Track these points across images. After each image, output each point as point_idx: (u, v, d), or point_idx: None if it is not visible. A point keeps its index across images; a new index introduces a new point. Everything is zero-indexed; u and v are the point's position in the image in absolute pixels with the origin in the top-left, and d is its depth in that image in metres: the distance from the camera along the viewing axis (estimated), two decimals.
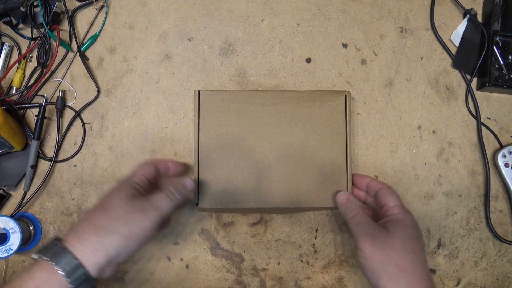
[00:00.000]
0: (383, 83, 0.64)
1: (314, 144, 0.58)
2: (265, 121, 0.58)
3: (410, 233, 0.51)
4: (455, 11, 0.66)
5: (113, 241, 0.46)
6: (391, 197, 0.55)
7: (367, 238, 0.51)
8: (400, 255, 0.49)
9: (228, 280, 0.62)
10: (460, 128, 0.64)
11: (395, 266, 0.49)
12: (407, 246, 0.50)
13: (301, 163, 0.58)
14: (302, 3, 0.65)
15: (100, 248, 0.45)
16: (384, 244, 0.50)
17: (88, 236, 0.46)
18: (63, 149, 0.63)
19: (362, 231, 0.51)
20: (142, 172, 0.53)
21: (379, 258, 0.49)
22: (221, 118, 0.58)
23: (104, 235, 0.46)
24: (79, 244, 0.45)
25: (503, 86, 0.63)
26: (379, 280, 0.49)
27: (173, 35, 0.64)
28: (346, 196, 0.56)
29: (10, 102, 0.61)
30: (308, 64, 0.64)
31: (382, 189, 0.56)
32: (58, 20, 0.63)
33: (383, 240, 0.50)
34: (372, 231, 0.51)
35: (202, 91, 0.58)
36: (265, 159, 0.57)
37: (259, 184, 0.57)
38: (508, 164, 0.62)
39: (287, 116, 0.58)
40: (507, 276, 0.63)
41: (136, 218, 0.47)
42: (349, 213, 0.54)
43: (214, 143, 0.57)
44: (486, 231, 0.63)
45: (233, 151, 0.57)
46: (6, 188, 0.62)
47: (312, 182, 0.57)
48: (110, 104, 0.63)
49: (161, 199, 0.50)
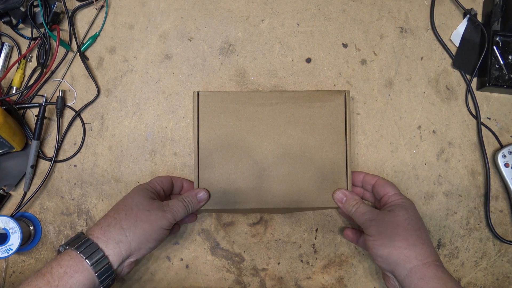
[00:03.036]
0: (383, 83, 0.64)
1: (313, 144, 0.58)
2: (264, 122, 0.58)
3: (413, 214, 0.53)
4: (455, 11, 0.66)
5: (136, 234, 0.50)
6: (389, 187, 0.56)
7: (372, 222, 0.52)
8: (407, 231, 0.50)
9: (228, 280, 0.62)
10: (460, 128, 0.64)
11: (404, 241, 0.50)
12: (413, 223, 0.51)
13: (301, 163, 0.58)
14: (302, 3, 0.65)
15: (124, 240, 0.49)
16: (391, 223, 0.51)
17: (112, 228, 0.50)
18: (63, 149, 0.63)
19: (367, 218, 0.53)
20: (158, 181, 0.57)
21: (387, 235, 0.50)
22: (221, 118, 0.58)
23: (128, 228, 0.50)
24: (104, 236, 0.49)
25: (503, 86, 0.63)
26: (389, 257, 0.50)
27: (173, 35, 0.64)
28: (344, 193, 0.57)
29: (10, 102, 0.61)
30: (308, 64, 0.64)
31: (379, 181, 0.57)
32: (58, 20, 0.63)
33: (389, 219, 0.51)
34: (376, 216, 0.52)
35: (201, 92, 0.58)
36: (265, 159, 0.57)
37: (259, 185, 0.57)
38: (508, 164, 0.62)
39: (286, 116, 0.58)
40: (507, 276, 0.63)
41: (156, 216, 0.51)
42: (351, 209, 0.55)
43: (213, 144, 0.57)
44: (486, 231, 0.63)
45: (233, 151, 0.57)
46: (6, 188, 0.62)
47: (312, 182, 0.57)
48: (110, 104, 0.63)
49: (176, 204, 0.54)
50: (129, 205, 0.52)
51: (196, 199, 0.56)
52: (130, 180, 0.62)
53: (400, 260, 0.49)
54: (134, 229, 0.50)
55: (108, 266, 0.48)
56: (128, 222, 0.50)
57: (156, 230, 0.51)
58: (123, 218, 0.51)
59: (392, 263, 0.50)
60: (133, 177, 0.62)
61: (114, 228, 0.50)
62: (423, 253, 0.49)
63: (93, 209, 0.62)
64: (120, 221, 0.50)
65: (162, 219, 0.52)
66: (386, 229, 0.51)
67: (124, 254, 0.50)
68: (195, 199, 0.56)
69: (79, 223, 0.62)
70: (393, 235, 0.50)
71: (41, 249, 0.62)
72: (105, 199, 0.62)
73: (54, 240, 0.62)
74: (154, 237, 0.52)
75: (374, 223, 0.52)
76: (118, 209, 0.52)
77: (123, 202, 0.53)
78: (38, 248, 0.62)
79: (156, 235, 0.52)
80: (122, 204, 0.53)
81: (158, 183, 0.57)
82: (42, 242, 0.62)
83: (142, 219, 0.51)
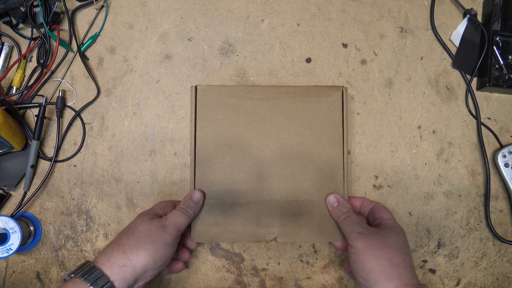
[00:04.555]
0: (383, 83, 0.64)
1: (311, 139, 0.58)
2: (262, 116, 0.58)
3: (403, 239, 0.53)
4: (455, 11, 0.66)
5: (139, 257, 0.49)
6: (386, 211, 0.57)
7: (360, 236, 0.51)
8: (394, 252, 0.50)
9: (228, 280, 0.62)
10: (460, 128, 0.64)
11: (388, 261, 0.49)
12: (400, 246, 0.51)
13: (298, 158, 0.58)
14: (302, 3, 0.65)
15: (128, 264, 0.49)
16: (378, 241, 0.51)
17: (116, 253, 0.49)
18: (63, 149, 0.63)
19: (354, 230, 0.52)
20: (160, 206, 0.57)
21: (372, 252, 0.50)
22: (218, 113, 0.58)
23: (130, 251, 0.49)
24: (108, 262, 0.49)
25: (503, 86, 0.63)
26: (370, 274, 0.49)
27: (173, 35, 0.64)
28: (336, 198, 0.57)
29: (10, 102, 0.61)
30: (308, 64, 0.64)
31: (377, 205, 0.58)
32: (58, 20, 0.63)
33: (377, 237, 0.51)
34: (365, 230, 0.52)
35: (199, 86, 0.58)
36: (262, 154, 0.58)
37: (257, 180, 0.58)
38: (508, 164, 0.62)
39: (284, 111, 0.58)
40: (507, 276, 0.63)
41: (157, 234, 0.51)
42: (340, 216, 0.55)
43: (211, 138, 0.58)
44: (486, 231, 0.63)
45: (230, 146, 0.58)
46: (6, 188, 0.62)
47: (309, 177, 0.58)
48: (110, 104, 0.63)
49: (174, 214, 0.54)
50: (131, 229, 0.52)
51: (192, 201, 0.56)
52: (130, 180, 0.62)
53: (381, 278, 0.48)
54: (137, 251, 0.49)
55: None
56: (130, 246, 0.50)
57: (161, 247, 0.51)
58: (125, 243, 0.50)
59: (371, 280, 0.49)
60: (133, 177, 0.62)
61: (117, 252, 0.49)
62: (406, 275, 0.49)
63: (93, 209, 0.62)
64: (123, 246, 0.50)
65: (164, 233, 0.51)
66: (373, 245, 0.50)
67: (130, 278, 0.49)
68: (192, 202, 0.56)
69: (79, 223, 0.62)
70: (379, 253, 0.50)
71: (41, 249, 0.62)
72: (105, 199, 0.62)
73: (54, 240, 0.62)
74: (160, 255, 0.51)
75: (362, 237, 0.51)
76: (121, 234, 0.52)
77: (126, 228, 0.53)
78: (38, 248, 0.62)
79: (161, 253, 0.51)
80: (125, 230, 0.53)
81: (161, 208, 0.57)
82: (42, 242, 0.62)
83: (144, 240, 0.50)
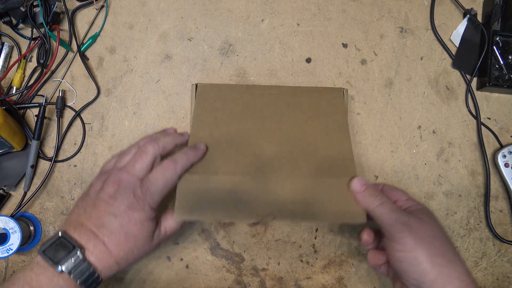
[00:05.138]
0: (383, 83, 0.64)
1: (315, 132, 0.56)
2: (263, 109, 0.57)
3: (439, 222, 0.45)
4: (455, 11, 0.66)
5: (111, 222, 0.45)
6: (399, 192, 0.49)
7: (404, 227, 0.42)
8: (444, 245, 0.42)
9: (228, 280, 0.62)
10: (460, 128, 0.64)
11: (443, 257, 0.41)
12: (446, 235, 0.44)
13: (302, 152, 0.54)
14: (302, 3, 0.65)
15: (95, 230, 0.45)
16: (425, 233, 0.42)
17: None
18: (63, 149, 0.63)
19: (397, 220, 0.43)
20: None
21: (424, 248, 0.41)
22: (219, 110, 0.57)
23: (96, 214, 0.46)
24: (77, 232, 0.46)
25: (503, 86, 0.63)
26: (426, 275, 0.41)
27: (173, 35, 0.64)
28: (363, 181, 0.47)
29: (10, 102, 0.61)
30: (308, 64, 0.64)
31: (386, 187, 0.50)
32: (58, 20, 0.63)
33: (423, 228, 0.43)
34: (408, 220, 0.43)
35: (199, 83, 0.58)
36: (264, 150, 0.55)
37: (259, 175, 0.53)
38: (508, 164, 0.62)
39: (284, 103, 0.58)
40: (507, 276, 0.63)
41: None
42: (374, 201, 0.45)
43: (210, 136, 0.56)
44: (486, 231, 0.63)
45: (231, 142, 0.55)
46: (6, 188, 0.62)
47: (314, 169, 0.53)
48: (110, 104, 0.63)
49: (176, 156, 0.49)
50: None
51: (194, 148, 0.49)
52: None
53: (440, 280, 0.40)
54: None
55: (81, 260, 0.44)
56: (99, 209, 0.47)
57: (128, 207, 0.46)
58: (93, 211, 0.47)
59: (427, 282, 0.41)
60: None
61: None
62: (463, 272, 0.41)
63: None
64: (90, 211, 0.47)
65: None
66: (423, 239, 0.41)
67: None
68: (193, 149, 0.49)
69: None
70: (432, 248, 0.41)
71: None
72: None
73: None
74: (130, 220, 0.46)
75: (408, 229, 0.42)
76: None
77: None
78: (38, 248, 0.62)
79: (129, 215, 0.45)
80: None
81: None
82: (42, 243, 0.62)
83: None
